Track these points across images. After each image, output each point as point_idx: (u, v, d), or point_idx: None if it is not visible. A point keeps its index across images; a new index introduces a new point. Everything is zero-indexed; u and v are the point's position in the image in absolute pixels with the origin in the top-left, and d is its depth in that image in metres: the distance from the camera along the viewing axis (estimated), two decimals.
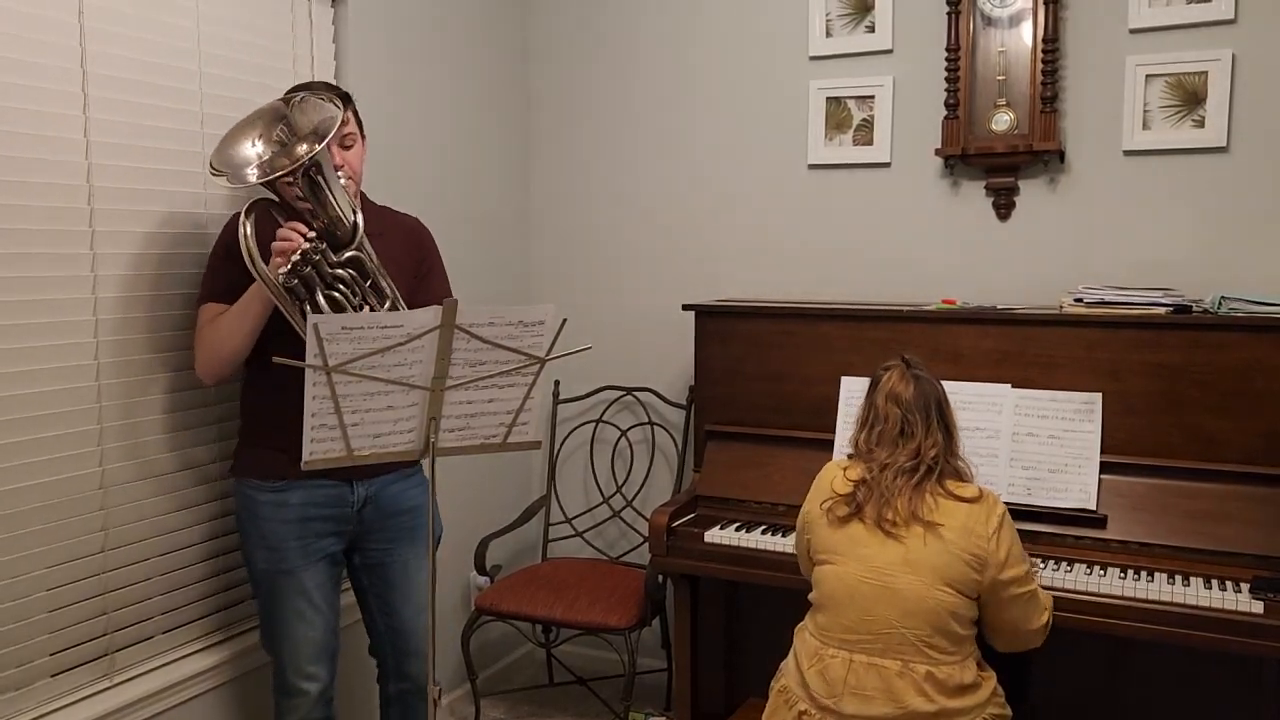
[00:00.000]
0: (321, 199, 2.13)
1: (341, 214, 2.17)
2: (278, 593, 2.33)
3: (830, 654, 2.12)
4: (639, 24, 3.59)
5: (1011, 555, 2.12)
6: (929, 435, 2.16)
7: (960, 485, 2.16)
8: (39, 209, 2.13)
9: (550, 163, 3.77)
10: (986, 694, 2.12)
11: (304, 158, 2.07)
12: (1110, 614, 2.37)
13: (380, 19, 3.02)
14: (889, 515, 2.11)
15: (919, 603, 2.07)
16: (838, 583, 2.14)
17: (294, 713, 2.36)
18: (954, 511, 2.11)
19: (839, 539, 2.17)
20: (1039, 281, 3.04)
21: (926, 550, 2.08)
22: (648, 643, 3.35)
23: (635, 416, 3.64)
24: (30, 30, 2.10)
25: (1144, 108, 2.93)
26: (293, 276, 2.10)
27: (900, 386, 2.21)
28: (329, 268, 2.15)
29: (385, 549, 2.45)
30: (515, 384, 2.09)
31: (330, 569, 2.39)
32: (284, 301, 2.13)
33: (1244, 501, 2.48)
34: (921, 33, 3.16)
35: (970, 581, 2.09)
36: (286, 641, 2.34)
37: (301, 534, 2.32)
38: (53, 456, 2.17)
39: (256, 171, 2.12)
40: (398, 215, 2.54)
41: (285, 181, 2.09)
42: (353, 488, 2.36)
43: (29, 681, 2.15)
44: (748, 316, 3.11)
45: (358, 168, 2.38)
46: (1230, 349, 2.57)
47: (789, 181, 3.39)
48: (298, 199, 2.12)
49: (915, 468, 2.14)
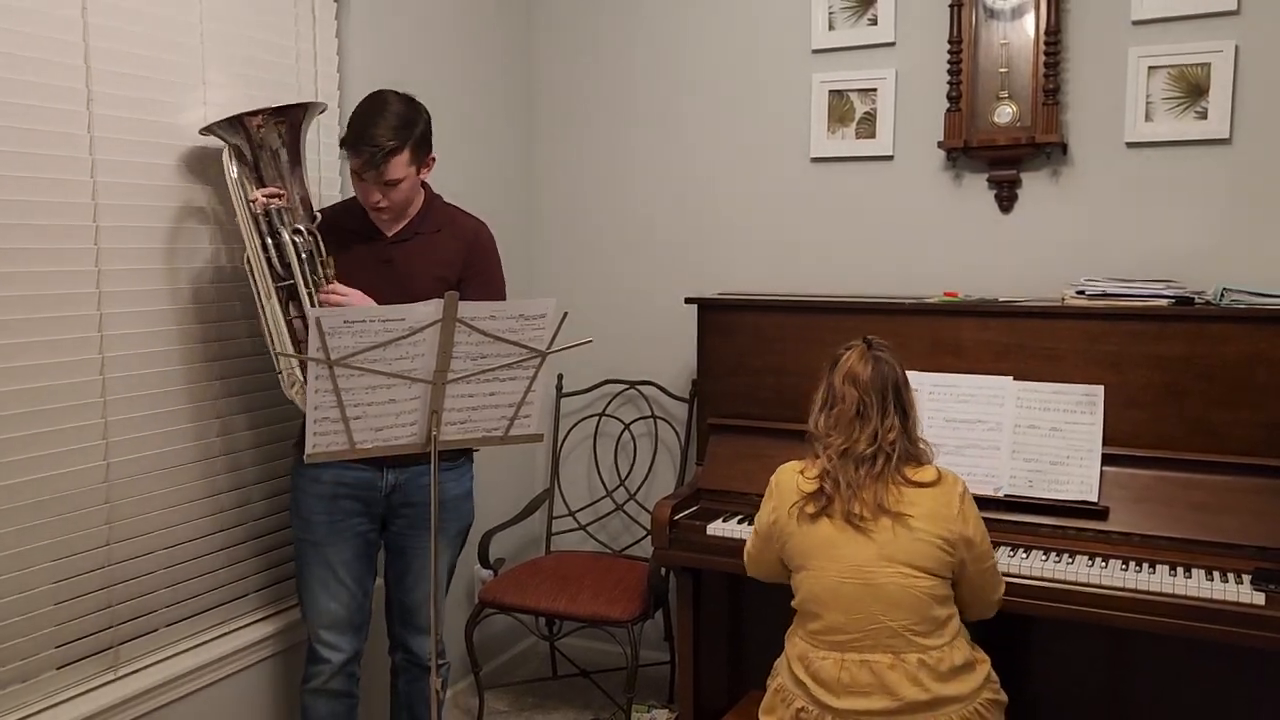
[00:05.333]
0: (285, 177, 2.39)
1: (305, 203, 2.41)
2: (306, 562, 2.46)
3: (821, 656, 2.13)
4: (642, 19, 3.58)
5: (978, 531, 2.15)
6: (886, 418, 2.13)
7: (918, 470, 2.15)
8: (43, 204, 2.14)
9: (553, 157, 3.77)
10: (981, 678, 2.13)
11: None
12: (1112, 606, 2.38)
13: (383, 17, 3.02)
14: (857, 510, 2.10)
15: (902, 593, 2.08)
16: (819, 587, 2.15)
17: (316, 678, 2.47)
18: (918, 499, 2.11)
19: (813, 543, 2.16)
20: (1041, 274, 3.03)
21: (898, 541, 2.09)
22: (650, 635, 3.36)
23: (638, 410, 3.65)
24: (35, 27, 2.10)
25: (1146, 100, 2.93)
26: (264, 211, 2.32)
27: (859, 367, 2.17)
28: (293, 221, 2.35)
29: (408, 534, 2.52)
30: (517, 377, 2.10)
31: (362, 548, 2.48)
32: (250, 229, 2.30)
33: (1245, 493, 2.48)
34: (924, 25, 3.16)
35: (945, 563, 2.11)
36: (311, 608, 2.47)
37: (330, 510, 2.42)
38: (57, 450, 2.18)
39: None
40: (463, 216, 2.58)
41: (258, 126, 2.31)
42: (383, 473, 2.43)
43: (34, 674, 2.16)
44: (750, 310, 3.12)
45: (400, 200, 2.42)
46: (1232, 341, 2.57)
47: (791, 175, 3.39)
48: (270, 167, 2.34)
49: (874, 455, 2.12)
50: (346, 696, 2.50)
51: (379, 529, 2.52)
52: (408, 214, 2.48)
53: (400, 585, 2.57)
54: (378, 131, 2.30)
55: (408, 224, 2.47)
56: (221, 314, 2.54)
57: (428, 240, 2.46)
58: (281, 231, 2.32)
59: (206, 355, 2.51)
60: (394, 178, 2.35)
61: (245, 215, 2.32)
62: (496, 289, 2.56)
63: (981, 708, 2.11)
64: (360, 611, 2.49)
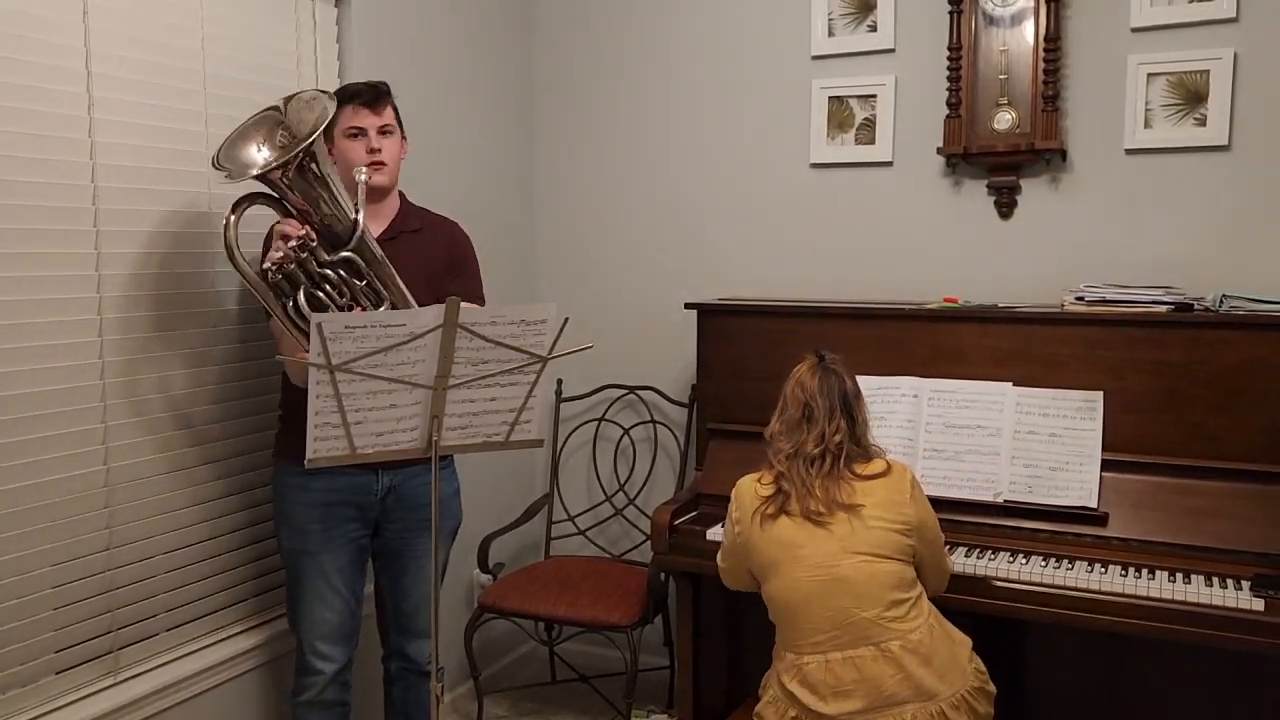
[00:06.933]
0: (316, 194, 2.15)
1: (338, 210, 2.18)
2: (300, 573, 2.41)
3: (805, 662, 2.15)
4: (642, 24, 3.59)
5: (929, 512, 2.26)
6: (832, 421, 2.22)
7: (867, 465, 2.24)
8: (44, 208, 2.14)
9: (553, 162, 3.77)
10: (965, 658, 2.17)
11: (297, 149, 2.08)
12: (1111, 611, 2.38)
13: (383, 19, 3.03)
14: (813, 506, 2.17)
15: (868, 580, 2.12)
16: (789, 592, 2.18)
17: (309, 690, 2.43)
18: (871, 490, 2.19)
19: (776, 548, 2.20)
20: (1041, 280, 3.04)
21: (856, 533, 2.15)
22: (650, 640, 3.35)
23: (637, 415, 3.65)
24: (36, 31, 2.11)
25: (1146, 106, 2.93)
26: (278, 273, 2.12)
27: (806, 377, 2.29)
28: (316, 266, 2.16)
29: (403, 537, 2.50)
30: (517, 382, 2.10)
31: (355, 554, 2.45)
32: (267, 297, 2.14)
33: (1245, 499, 2.49)
34: (923, 32, 3.16)
35: (905, 548, 2.18)
36: (305, 621, 2.42)
37: (324, 518, 2.38)
38: (57, 454, 2.18)
39: (257, 169, 2.13)
40: (437, 217, 2.59)
41: (280, 176, 2.11)
42: (377, 476, 2.41)
43: (34, 679, 2.16)
44: (750, 315, 3.12)
45: (395, 155, 2.45)
46: (1231, 347, 2.57)
47: (791, 180, 3.40)
48: (292, 195, 2.14)
49: (822, 454, 2.20)
50: (340, 705, 2.47)
51: (371, 534, 2.49)
52: (387, 213, 2.47)
53: (396, 589, 2.55)
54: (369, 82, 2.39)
55: (390, 224, 2.47)
56: (223, 319, 2.55)
57: (412, 239, 2.45)
58: (300, 289, 2.13)
59: (207, 360, 2.51)
60: (389, 123, 2.41)
61: (249, 276, 2.12)
62: (479, 286, 2.58)
63: (969, 696, 2.13)
64: (353, 619, 2.47)
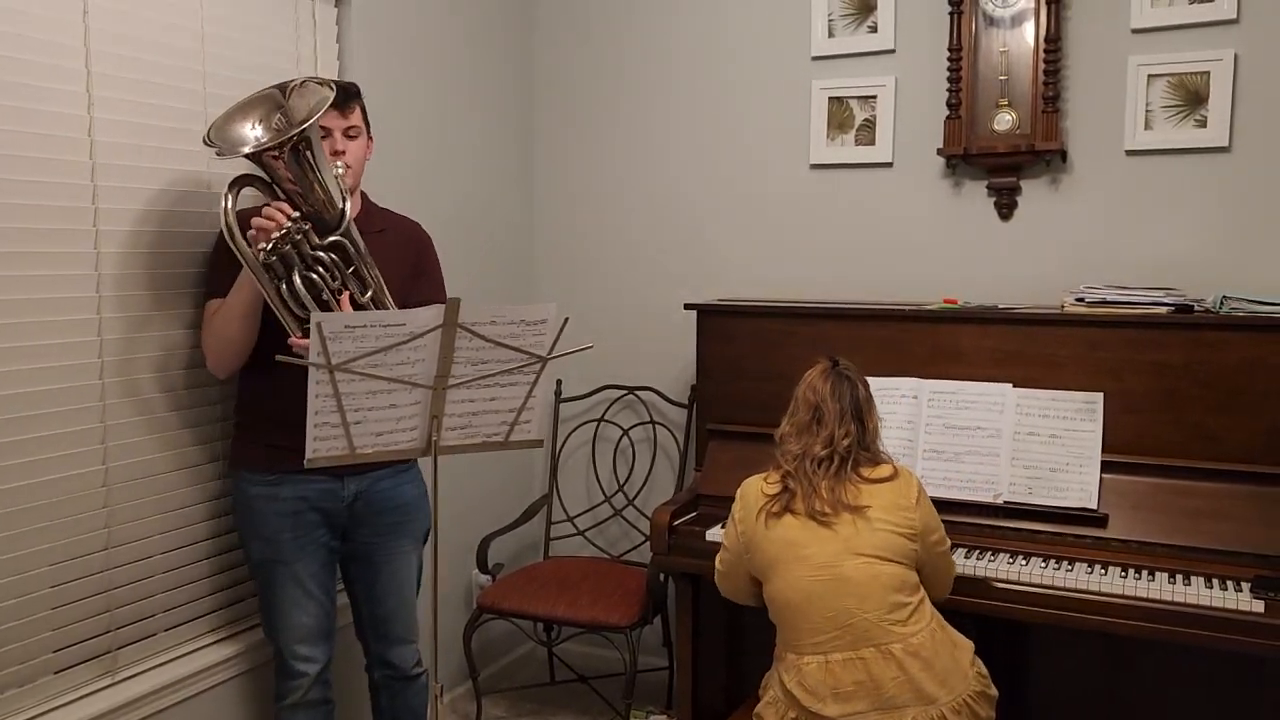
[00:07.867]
0: (309, 180, 2.15)
1: (329, 198, 2.18)
2: (274, 582, 2.39)
3: (806, 662, 2.15)
4: (642, 25, 3.59)
5: (934, 518, 2.26)
6: (841, 424, 2.23)
7: (875, 469, 2.24)
8: (43, 208, 2.14)
9: (553, 162, 3.77)
10: (967, 661, 2.16)
11: (293, 132, 2.08)
12: (1111, 613, 2.38)
13: (383, 19, 3.02)
14: (818, 505, 2.17)
15: (871, 582, 2.12)
16: (791, 592, 2.18)
17: (294, 693, 2.42)
18: (877, 493, 2.20)
19: (777, 547, 2.20)
20: (1040, 281, 3.04)
21: (860, 534, 2.16)
22: (649, 641, 3.35)
23: (637, 415, 3.64)
24: (36, 30, 2.10)
25: (1146, 108, 2.93)
26: (272, 254, 2.12)
27: (818, 380, 2.30)
28: (310, 249, 2.16)
29: (373, 542, 2.48)
30: (517, 383, 2.10)
31: (326, 558, 2.44)
32: (261, 278, 2.14)
33: (1245, 500, 2.49)
34: (923, 33, 3.16)
35: (909, 552, 2.18)
36: (284, 628, 2.40)
37: (295, 526, 2.37)
38: (56, 454, 2.18)
39: (250, 146, 2.14)
40: (399, 217, 2.57)
41: (273, 156, 2.10)
42: (343, 483, 2.39)
43: (32, 678, 2.16)
44: (749, 316, 3.12)
45: (360, 157, 2.42)
46: (1231, 348, 2.57)
47: (791, 181, 3.40)
48: (286, 180, 2.14)
49: (830, 456, 2.21)
50: (324, 704, 2.46)
51: (340, 539, 2.47)
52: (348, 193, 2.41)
53: (370, 596, 2.52)
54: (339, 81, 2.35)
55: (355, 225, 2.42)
56: None
57: (377, 240, 2.37)
58: (294, 271, 2.14)
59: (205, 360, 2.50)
60: (356, 124, 2.38)
61: (249, 257, 2.13)
62: (441, 289, 2.55)
63: (970, 700, 2.13)
64: (329, 619, 2.45)
